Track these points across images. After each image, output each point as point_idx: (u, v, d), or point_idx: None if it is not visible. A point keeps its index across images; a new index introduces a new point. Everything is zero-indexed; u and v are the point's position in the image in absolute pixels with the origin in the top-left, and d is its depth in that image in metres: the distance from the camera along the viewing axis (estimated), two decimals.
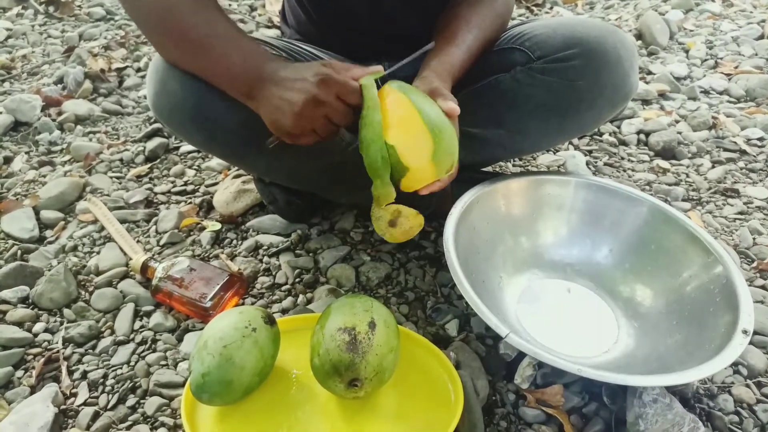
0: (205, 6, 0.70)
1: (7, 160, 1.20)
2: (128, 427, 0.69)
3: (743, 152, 1.22)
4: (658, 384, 0.64)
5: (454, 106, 0.67)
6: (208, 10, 0.70)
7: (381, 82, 0.68)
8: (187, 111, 0.74)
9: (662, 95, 1.45)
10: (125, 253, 0.94)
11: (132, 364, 0.77)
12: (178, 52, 0.72)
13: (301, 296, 0.87)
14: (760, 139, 1.26)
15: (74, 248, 0.97)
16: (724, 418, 0.69)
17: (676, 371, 0.62)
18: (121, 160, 1.20)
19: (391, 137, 0.64)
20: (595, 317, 0.81)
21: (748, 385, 0.74)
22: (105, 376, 0.75)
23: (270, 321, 0.69)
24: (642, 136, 1.28)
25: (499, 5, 0.84)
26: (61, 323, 0.83)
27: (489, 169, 1.05)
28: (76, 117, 1.34)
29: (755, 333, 0.79)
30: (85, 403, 0.72)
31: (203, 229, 1.01)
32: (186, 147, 1.24)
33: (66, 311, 0.84)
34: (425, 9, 0.86)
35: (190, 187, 1.12)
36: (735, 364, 0.76)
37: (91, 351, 0.79)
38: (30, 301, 0.86)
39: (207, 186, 1.12)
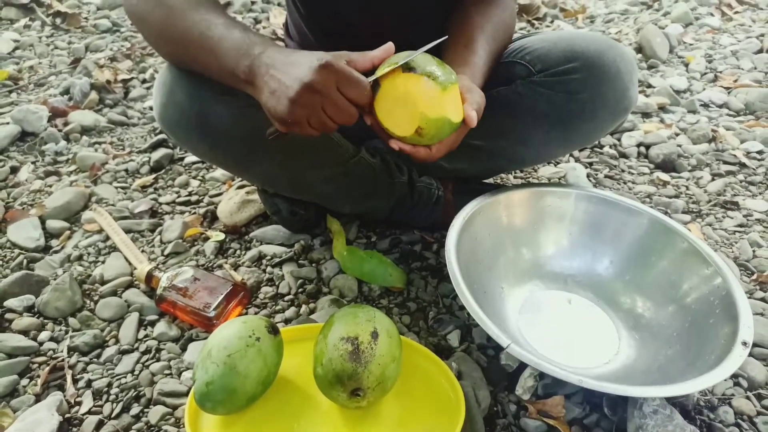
0: (204, 8, 0.70)
1: (14, 170, 1.21)
2: None
3: (743, 165, 1.23)
4: (658, 395, 0.65)
5: (472, 114, 0.64)
6: (208, 11, 0.70)
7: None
8: (193, 122, 0.75)
9: (662, 108, 1.46)
10: (130, 263, 0.95)
11: (136, 373, 0.78)
12: (179, 51, 0.73)
13: (303, 306, 0.88)
14: (760, 152, 1.27)
15: (79, 257, 0.98)
16: (725, 430, 0.69)
17: (677, 382, 0.63)
18: (126, 170, 1.22)
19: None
20: (596, 328, 0.82)
21: (748, 397, 0.74)
22: (109, 385, 0.76)
23: (273, 330, 0.69)
24: (642, 149, 1.29)
25: (507, 16, 0.85)
26: (66, 332, 0.84)
27: (490, 180, 1.07)
28: (82, 127, 1.35)
29: (755, 345, 0.79)
30: (89, 412, 0.72)
31: (207, 239, 1.01)
32: (191, 158, 1.25)
33: (71, 320, 0.85)
34: (427, 26, 0.88)
35: (194, 198, 1.13)
36: (735, 376, 0.76)
37: (95, 360, 0.80)
38: (35, 309, 0.87)
39: (211, 196, 1.13)
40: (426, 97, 0.61)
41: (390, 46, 0.64)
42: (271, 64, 0.62)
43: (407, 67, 0.62)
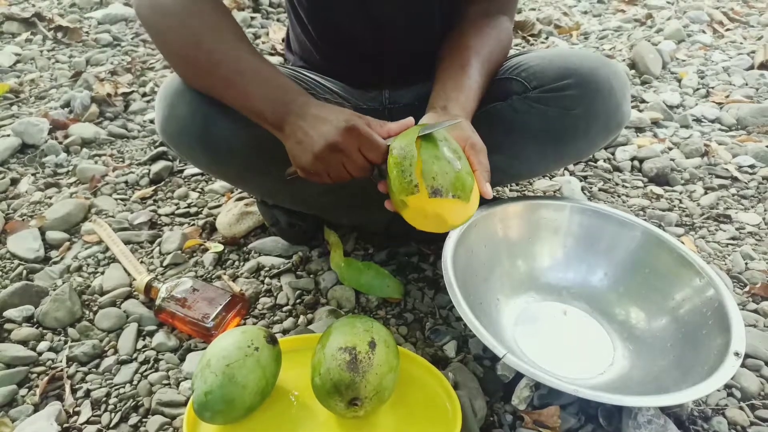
0: (231, 39, 0.72)
1: (14, 182, 1.22)
2: None
3: (735, 179, 1.25)
4: (653, 404, 0.65)
5: (487, 190, 0.67)
6: (235, 43, 0.71)
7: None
8: (195, 135, 0.76)
9: (655, 123, 1.48)
10: (129, 274, 0.96)
11: (135, 383, 0.78)
12: (207, 84, 0.74)
13: (301, 317, 0.88)
14: (751, 166, 1.29)
15: (79, 268, 0.98)
16: None
17: (671, 392, 0.64)
18: (126, 182, 1.23)
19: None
20: (591, 339, 0.82)
21: (741, 408, 0.75)
22: (108, 395, 0.76)
23: (272, 340, 0.70)
24: (636, 163, 1.31)
25: (503, 37, 0.87)
26: (65, 342, 0.84)
27: None
28: (83, 140, 1.36)
29: (748, 356, 0.80)
30: (88, 422, 0.73)
31: (206, 250, 1.02)
32: (190, 170, 1.26)
33: (70, 330, 0.86)
34: (428, 37, 0.89)
35: (193, 209, 1.14)
36: (729, 386, 0.77)
37: (94, 370, 0.80)
38: (35, 320, 0.87)
39: (210, 208, 1.14)
40: (454, 214, 0.65)
41: (410, 120, 0.69)
42: (301, 115, 0.67)
43: (433, 190, 0.62)
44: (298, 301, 0.92)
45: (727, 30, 2.09)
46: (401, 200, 0.64)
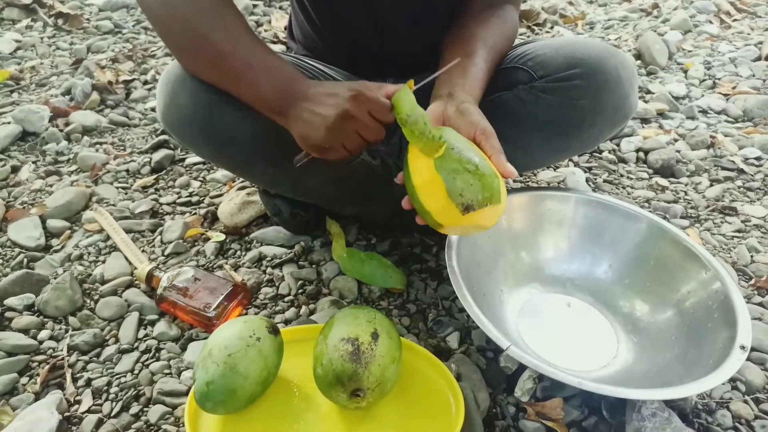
0: (236, 31, 0.71)
1: (15, 170, 1.22)
2: None
3: (741, 171, 1.24)
4: (656, 397, 0.65)
5: (509, 168, 0.66)
6: (240, 35, 0.71)
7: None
8: (197, 123, 0.75)
9: (661, 114, 1.47)
10: (130, 263, 0.95)
11: (136, 372, 0.78)
12: (213, 76, 0.74)
13: (303, 307, 0.88)
14: (758, 158, 1.27)
15: (80, 257, 0.98)
16: None
17: (675, 385, 0.63)
18: (127, 170, 1.22)
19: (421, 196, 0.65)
20: (595, 332, 0.82)
21: (746, 401, 0.74)
22: (109, 384, 0.76)
23: (274, 331, 0.69)
24: (641, 154, 1.30)
25: (508, 27, 0.86)
26: (66, 331, 0.84)
27: None
28: (84, 128, 1.35)
29: (753, 349, 0.80)
30: (89, 411, 0.72)
31: (208, 239, 1.02)
32: (192, 159, 1.25)
33: (71, 319, 0.85)
34: (430, 27, 0.88)
35: (195, 198, 1.13)
36: (733, 380, 0.76)
37: (95, 359, 0.80)
38: (35, 308, 0.87)
39: (212, 197, 1.13)
40: (490, 218, 0.64)
41: (409, 84, 0.67)
42: (304, 97, 0.68)
43: (464, 207, 0.61)
44: (300, 291, 0.91)
45: (735, 20, 2.06)
46: (435, 222, 0.64)
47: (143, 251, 0.99)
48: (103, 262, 0.97)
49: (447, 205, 0.61)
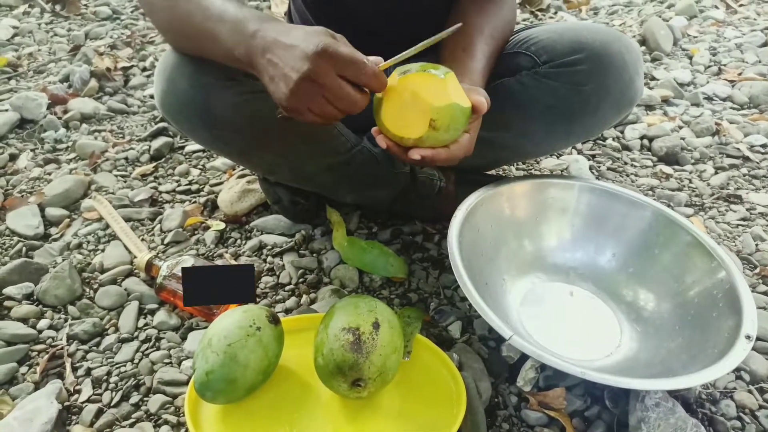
0: None
1: (13, 158, 1.21)
2: (131, 425, 0.69)
3: (746, 159, 1.22)
4: (660, 388, 0.64)
5: (480, 99, 0.64)
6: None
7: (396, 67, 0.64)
8: (195, 109, 0.74)
9: (666, 101, 1.45)
10: (130, 251, 0.95)
11: (136, 361, 0.77)
12: (186, 41, 0.72)
13: (304, 296, 0.87)
14: (763, 145, 1.26)
15: (79, 246, 0.97)
16: (727, 424, 0.69)
17: (679, 375, 0.63)
18: (126, 158, 1.21)
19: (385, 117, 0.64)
20: (598, 321, 0.81)
21: (750, 391, 0.74)
22: (109, 374, 0.76)
23: (274, 320, 0.69)
24: (645, 142, 1.28)
25: (507, 12, 0.85)
26: (66, 320, 0.83)
27: (493, 172, 1.06)
28: (82, 115, 1.34)
29: (758, 339, 0.79)
30: (88, 400, 0.72)
31: (207, 228, 1.01)
32: (191, 146, 1.24)
33: (70, 308, 0.85)
34: (428, 10, 0.87)
35: (194, 187, 1.12)
36: (738, 369, 0.76)
37: (95, 348, 0.79)
38: (35, 297, 0.87)
39: (212, 185, 1.12)
40: (429, 89, 0.61)
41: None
42: (266, 46, 0.59)
43: (402, 72, 0.62)
44: (300, 280, 0.91)
45: (741, 6, 2.04)
46: (376, 96, 0.63)
47: (143, 240, 0.98)
48: (103, 250, 0.96)
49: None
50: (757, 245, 0.98)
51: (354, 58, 0.56)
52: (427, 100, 0.61)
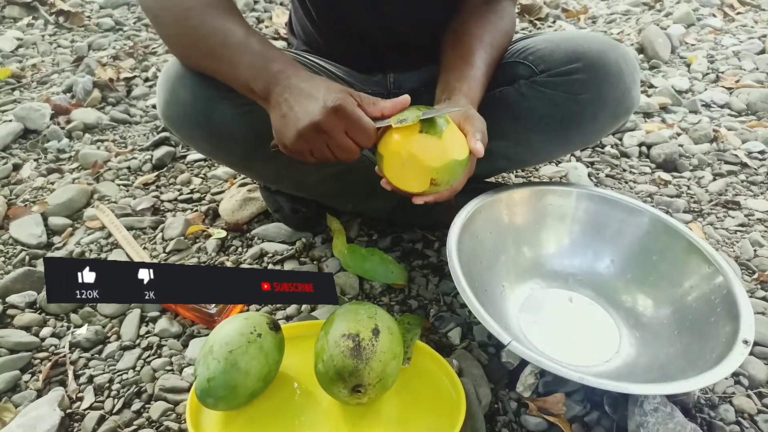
0: (220, 13, 0.70)
1: (17, 167, 1.22)
2: None
3: (744, 165, 1.23)
4: (659, 392, 0.65)
5: (477, 147, 0.66)
6: (225, 14, 0.70)
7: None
8: (197, 119, 0.75)
9: (664, 108, 1.46)
10: (132, 260, 0.95)
11: (138, 369, 0.78)
12: (197, 59, 0.73)
13: (305, 304, 0.88)
14: (761, 152, 1.27)
15: (82, 254, 0.98)
16: (725, 428, 0.69)
17: (678, 380, 0.63)
18: (128, 168, 1.22)
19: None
20: (597, 326, 0.82)
21: (749, 396, 0.74)
22: (111, 381, 0.76)
23: (275, 327, 0.69)
24: (644, 149, 1.29)
25: (506, 23, 0.86)
26: (68, 328, 0.84)
27: (492, 179, 1.07)
28: (85, 125, 1.35)
29: (756, 344, 0.79)
30: (90, 407, 0.73)
31: (209, 236, 1.02)
32: (193, 155, 1.25)
33: (73, 316, 0.85)
34: (427, 19, 0.88)
35: (196, 195, 1.13)
36: (736, 374, 0.76)
37: (97, 356, 0.80)
38: (37, 305, 0.87)
39: (213, 194, 1.13)
40: (427, 151, 0.63)
41: (405, 98, 0.65)
42: (287, 87, 0.64)
43: (397, 121, 0.63)
44: None
45: (738, 13, 2.05)
46: (379, 153, 0.64)
47: (144, 248, 0.99)
48: (105, 259, 0.97)
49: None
50: (755, 251, 0.99)
51: (362, 124, 0.61)
52: (425, 163, 0.63)
